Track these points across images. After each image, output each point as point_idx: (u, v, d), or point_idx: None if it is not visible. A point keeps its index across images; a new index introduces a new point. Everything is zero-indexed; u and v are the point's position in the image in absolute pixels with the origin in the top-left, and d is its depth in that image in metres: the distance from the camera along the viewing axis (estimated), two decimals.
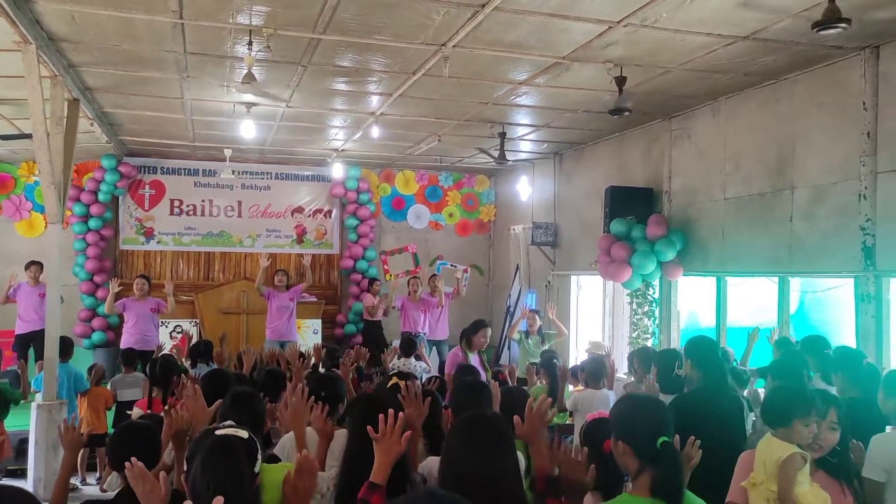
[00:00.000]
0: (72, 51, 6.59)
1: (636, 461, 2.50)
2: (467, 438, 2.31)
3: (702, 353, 4.45)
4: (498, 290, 13.63)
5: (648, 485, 2.45)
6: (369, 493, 2.48)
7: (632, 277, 8.27)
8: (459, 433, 2.36)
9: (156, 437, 3.16)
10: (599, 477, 3.01)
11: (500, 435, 2.34)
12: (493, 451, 2.25)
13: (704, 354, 4.43)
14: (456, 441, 2.32)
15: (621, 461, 2.57)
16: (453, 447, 2.31)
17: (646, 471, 2.47)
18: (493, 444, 2.28)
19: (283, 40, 6.06)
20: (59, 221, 7.24)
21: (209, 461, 2.14)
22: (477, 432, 2.33)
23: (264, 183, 12.96)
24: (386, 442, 2.58)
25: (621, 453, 2.55)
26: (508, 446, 2.33)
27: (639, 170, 9.25)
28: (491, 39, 5.98)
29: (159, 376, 5.41)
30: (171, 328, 11.04)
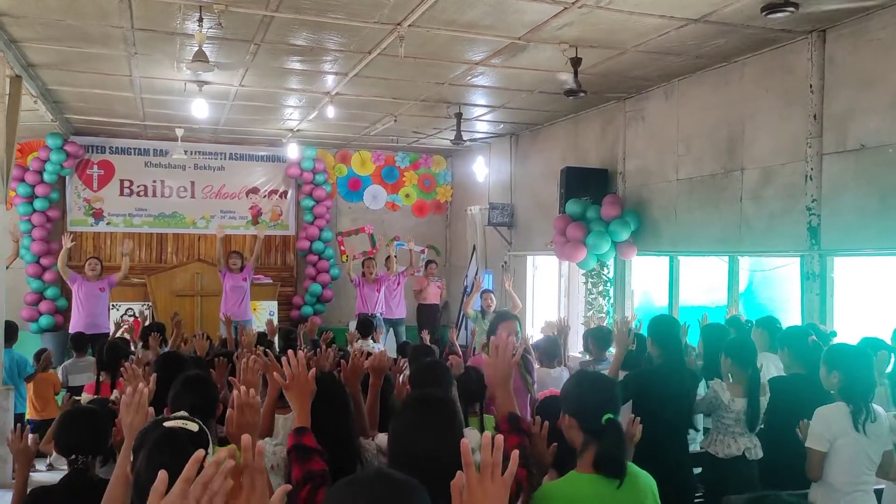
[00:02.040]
0: (13, 25, 6.37)
1: (582, 435, 2.56)
2: (415, 417, 2.33)
3: (663, 331, 4.58)
4: (455, 271, 13.67)
5: (591, 460, 2.50)
6: (298, 437, 2.54)
7: (587, 257, 8.37)
8: (406, 412, 2.38)
9: (102, 422, 3.11)
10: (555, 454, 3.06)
11: (448, 413, 2.37)
12: (441, 430, 2.27)
13: (665, 333, 4.56)
14: (403, 420, 2.34)
15: (568, 435, 2.64)
16: (400, 426, 2.33)
17: (590, 446, 2.53)
18: (440, 422, 2.30)
19: (235, 17, 5.94)
20: (3, 202, 7.04)
21: (155, 455, 2.12)
22: (424, 411, 2.35)
23: (218, 163, 12.74)
24: (295, 385, 2.69)
25: (568, 427, 2.62)
26: (457, 425, 2.36)
27: (594, 151, 9.33)
28: (447, 19, 5.95)
29: (107, 360, 5.31)
30: (123, 311, 10.84)
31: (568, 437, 2.64)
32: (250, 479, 1.47)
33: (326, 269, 12.89)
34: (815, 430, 3.72)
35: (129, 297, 11.03)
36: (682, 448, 4.44)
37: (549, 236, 9.17)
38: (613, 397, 2.65)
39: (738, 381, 4.37)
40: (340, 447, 2.86)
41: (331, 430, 2.77)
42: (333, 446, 2.77)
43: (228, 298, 10.00)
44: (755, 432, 4.34)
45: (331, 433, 2.74)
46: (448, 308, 13.67)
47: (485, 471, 1.57)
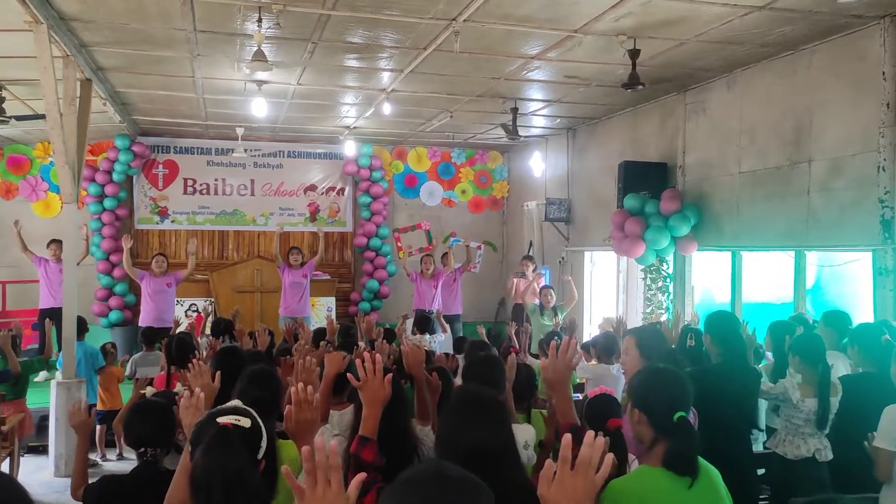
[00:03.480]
0: (83, 30, 6.58)
1: (651, 431, 2.52)
2: (462, 412, 2.33)
3: (722, 328, 4.43)
4: (512, 267, 13.59)
5: (662, 456, 2.46)
6: (360, 448, 2.46)
7: (645, 253, 8.23)
8: (454, 407, 2.39)
9: (169, 416, 3.19)
10: None
11: (494, 408, 2.36)
12: (488, 424, 2.27)
13: (724, 330, 4.42)
14: (449, 417, 2.35)
15: (636, 430, 2.59)
16: (447, 422, 2.33)
17: (660, 442, 2.49)
18: (487, 416, 2.30)
19: (293, 16, 6.02)
20: (74, 201, 7.29)
21: (209, 451, 2.17)
22: (471, 406, 2.35)
23: (277, 161, 12.96)
24: (369, 388, 2.54)
25: (637, 422, 2.57)
26: (501, 420, 2.35)
27: (652, 144, 9.17)
28: (502, 13, 5.91)
29: (176, 355, 5.46)
30: (187, 307, 11.12)
31: (636, 431, 2.60)
32: (324, 476, 1.48)
33: (383, 265, 12.99)
34: (885, 428, 3.58)
35: (192, 293, 11.30)
36: (744, 448, 4.31)
37: (607, 231, 9.05)
38: (685, 394, 2.59)
39: (807, 381, 4.23)
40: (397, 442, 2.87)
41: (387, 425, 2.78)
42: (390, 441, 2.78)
43: (288, 294, 10.15)
44: (825, 433, 4.19)
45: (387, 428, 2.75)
46: (505, 304, 13.62)
47: (580, 467, 1.55)
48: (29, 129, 10.36)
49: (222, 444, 2.21)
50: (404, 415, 3.02)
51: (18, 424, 6.81)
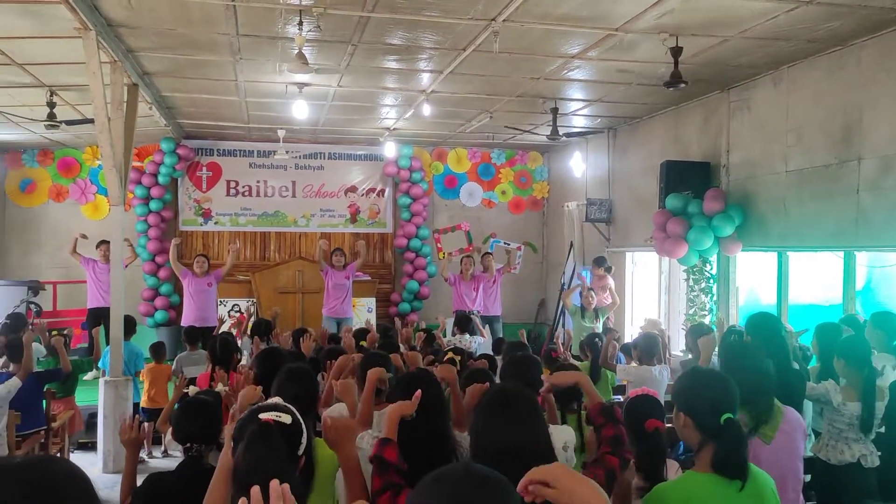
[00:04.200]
0: (129, 36, 6.73)
1: (698, 435, 2.47)
2: (495, 411, 2.32)
3: (763, 329, 4.34)
4: (552, 268, 13.54)
5: (710, 460, 2.42)
6: (381, 449, 2.52)
7: (688, 253, 8.11)
8: (486, 406, 2.38)
9: (215, 413, 3.25)
10: (641, 456, 2.97)
11: (526, 407, 2.34)
12: (521, 422, 2.26)
13: (765, 331, 4.33)
14: (482, 415, 2.34)
15: (682, 433, 2.55)
16: (481, 421, 2.33)
17: (707, 445, 2.44)
18: (518, 416, 2.29)
19: (333, 19, 6.07)
20: (122, 204, 7.45)
21: (251, 446, 2.21)
22: (503, 404, 2.34)
23: (318, 163, 13.09)
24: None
25: (682, 426, 2.53)
26: (535, 418, 2.33)
27: (695, 143, 9.03)
28: (542, 13, 5.88)
29: (220, 354, 5.56)
30: (230, 307, 11.29)
31: (682, 435, 2.56)
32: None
33: (423, 266, 13.02)
34: None
35: (234, 293, 11.47)
36: None
37: (649, 232, 8.94)
38: (731, 396, 2.53)
39: (851, 384, 4.12)
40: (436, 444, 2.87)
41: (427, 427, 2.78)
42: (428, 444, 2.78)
43: (331, 296, 10.20)
44: (872, 438, 4.07)
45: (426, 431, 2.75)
46: (545, 306, 13.56)
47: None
48: (78, 133, 10.63)
49: (264, 440, 2.24)
50: (443, 417, 3.02)
51: (68, 421, 7.01)
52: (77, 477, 1.20)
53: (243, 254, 12.72)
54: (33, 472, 1.16)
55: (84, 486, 1.21)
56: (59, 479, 1.17)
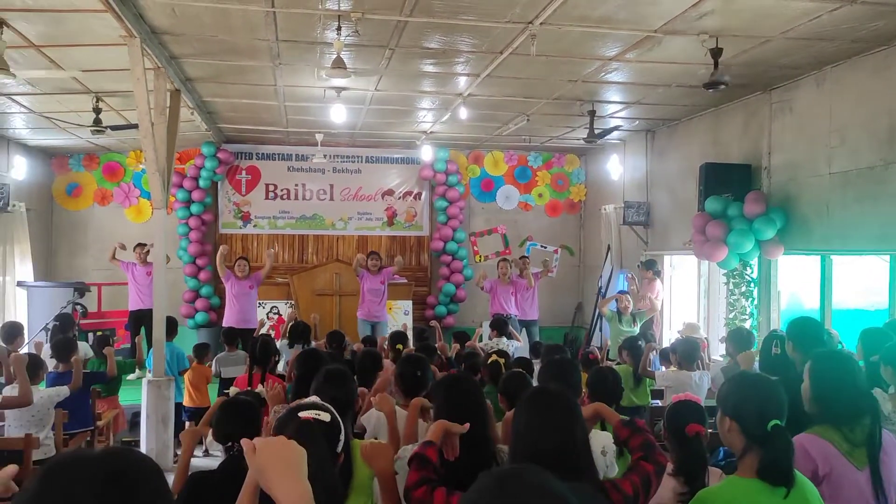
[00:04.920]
0: (173, 43, 6.87)
1: (743, 440, 2.44)
2: (533, 412, 2.32)
3: (805, 334, 4.27)
4: (589, 271, 13.45)
5: (755, 466, 2.39)
6: (423, 448, 2.60)
7: (728, 257, 8.00)
8: (526, 408, 2.38)
9: (255, 413, 3.31)
10: (681, 461, 2.95)
11: (565, 408, 2.34)
12: (558, 424, 2.26)
13: (808, 336, 4.25)
14: (522, 416, 2.34)
15: (726, 438, 2.52)
16: (519, 422, 2.33)
17: (753, 451, 2.40)
18: (557, 417, 2.28)
19: (371, 24, 6.12)
20: (164, 207, 7.60)
21: None
22: (543, 406, 2.34)
23: (355, 166, 13.19)
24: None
25: (727, 430, 2.50)
26: (574, 419, 2.33)
27: (735, 145, 8.91)
28: (579, 15, 5.86)
29: (259, 356, 5.64)
30: (269, 309, 11.43)
31: (726, 440, 2.53)
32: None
33: (460, 269, 13.03)
34: None
35: (273, 295, 11.60)
36: None
37: (688, 235, 8.84)
38: (779, 401, 2.49)
39: None
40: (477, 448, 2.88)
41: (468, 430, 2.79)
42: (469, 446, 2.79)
43: (366, 299, 10.25)
44: None
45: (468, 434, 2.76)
46: (582, 309, 13.48)
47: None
48: (123, 138, 10.86)
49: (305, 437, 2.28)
50: (484, 420, 3.03)
51: (113, 420, 7.16)
52: (152, 467, 1.26)
53: (281, 256, 12.87)
54: (113, 463, 1.21)
55: (158, 476, 1.27)
56: (136, 469, 1.23)
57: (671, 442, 3.05)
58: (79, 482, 1.17)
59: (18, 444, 4.95)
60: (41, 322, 8.96)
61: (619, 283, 11.56)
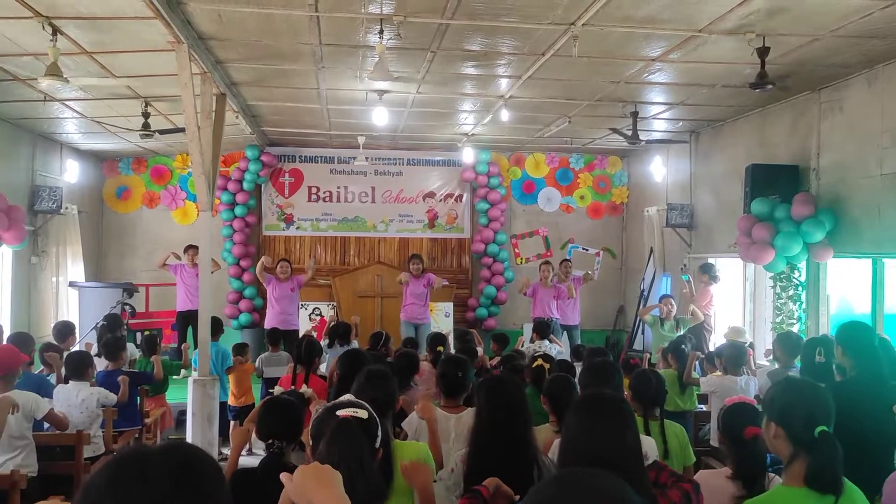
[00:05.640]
0: (219, 48, 6.99)
1: (789, 446, 2.38)
2: (584, 417, 2.30)
3: (855, 339, 4.14)
4: (631, 274, 13.31)
5: (803, 474, 2.33)
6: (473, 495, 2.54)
7: (775, 260, 7.84)
8: (577, 412, 2.36)
9: (298, 412, 3.35)
10: (740, 465, 2.90)
11: (618, 413, 2.31)
12: (611, 430, 2.23)
13: (858, 341, 4.13)
14: (574, 420, 2.32)
15: (772, 444, 2.47)
16: (571, 426, 2.31)
17: (800, 458, 2.35)
18: (609, 422, 2.26)
19: (413, 27, 6.15)
20: (209, 209, 7.72)
21: (333, 442, 2.28)
22: (594, 410, 2.31)
23: (396, 169, 13.26)
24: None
25: (773, 436, 2.44)
26: (626, 425, 2.30)
27: (783, 146, 8.73)
28: (622, 15, 5.81)
29: (304, 356, 5.71)
30: (311, 310, 11.55)
31: (772, 446, 2.48)
32: None
33: (501, 271, 13.00)
34: None
35: (315, 297, 11.73)
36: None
37: (733, 237, 8.69)
38: (827, 407, 2.43)
39: None
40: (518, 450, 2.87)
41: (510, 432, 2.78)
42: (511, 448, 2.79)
43: (409, 302, 10.28)
44: None
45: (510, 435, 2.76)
46: (624, 312, 13.35)
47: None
48: (170, 141, 11.09)
49: (344, 434, 2.32)
50: (526, 423, 3.03)
51: (160, 418, 7.32)
52: (213, 461, 1.29)
53: (323, 258, 13.00)
54: (181, 455, 1.25)
55: (218, 470, 1.30)
56: (201, 462, 1.26)
57: (728, 446, 3.00)
58: (153, 471, 1.20)
59: (70, 440, 5.09)
60: (92, 321, 9.19)
61: (662, 286, 11.42)
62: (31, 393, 4.86)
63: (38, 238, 10.37)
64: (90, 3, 5.54)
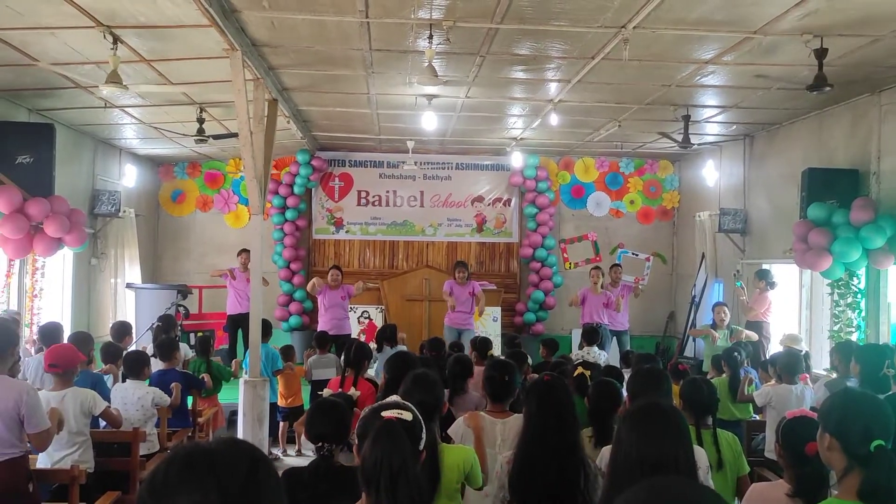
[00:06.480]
0: (271, 55, 7.12)
1: (844, 459, 2.31)
2: (639, 426, 2.28)
3: None
4: (682, 280, 13.10)
5: (856, 488, 2.26)
6: None
7: (832, 266, 7.62)
8: (631, 421, 2.33)
9: (346, 415, 3.38)
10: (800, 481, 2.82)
11: (673, 424, 2.28)
12: (665, 441, 2.20)
13: None
14: (627, 429, 2.29)
15: (825, 456, 2.40)
16: (624, 434, 2.28)
17: (854, 472, 2.28)
18: (664, 432, 2.23)
19: (462, 32, 6.17)
20: (261, 213, 7.85)
21: (376, 443, 2.31)
22: (648, 420, 2.29)
23: (445, 173, 13.29)
24: None
25: (827, 448, 2.37)
26: (681, 436, 2.27)
27: (841, 150, 8.49)
28: (674, 18, 5.73)
29: (353, 359, 5.75)
30: (359, 314, 11.64)
31: (826, 458, 2.41)
32: None
33: (549, 276, 12.92)
34: None
35: (364, 300, 11.80)
36: None
37: (788, 243, 8.48)
38: (885, 421, 2.34)
39: None
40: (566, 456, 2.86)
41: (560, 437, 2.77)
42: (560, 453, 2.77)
43: (455, 309, 10.24)
44: None
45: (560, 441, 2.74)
46: (674, 318, 13.13)
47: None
48: (223, 146, 11.31)
49: (388, 435, 2.34)
50: (575, 429, 3.01)
51: (212, 417, 7.46)
52: (264, 457, 1.32)
53: (372, 262, 13.13)
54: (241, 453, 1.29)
55: (270, 465, 1.33)
56: (260, 458, 1.30)
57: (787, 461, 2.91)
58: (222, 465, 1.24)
59: (127, 437, 5.22)
60: (147, 322, 9.42)
61: (714, 292, 11.20)
62: (90, 390, 5.01)
63: (98, 240, 10.69)
64: (149, 12, 5.70)
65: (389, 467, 2.26)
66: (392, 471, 2.25)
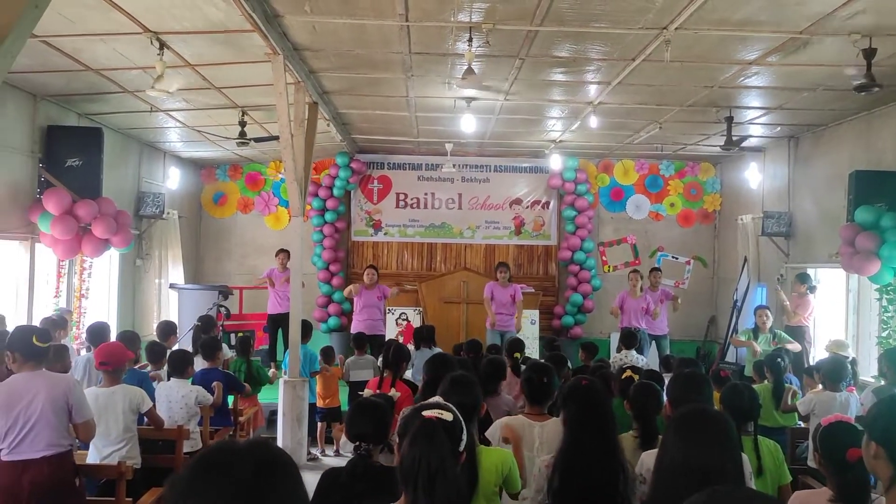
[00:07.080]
0: (312, 58, 7.20)
1: (890, 468, 2.25)
2: (687, 432, 2.25)
3: None
4: (724, 283, 12.89)
5: None
6: None
7: (881, 271, 7.44)
8: (679, 427, 2.30)
9: (385, 415, 3.40)
10: (842, 488, 2.76)
11: (722, 431, 2.25)
12: (713, 447, 2.18)
13: None
14: (674, 435, 2.27)
15: (871, 465, 2.34)
16: (671, 440, 2.26)
17: None
18: (712, 440, 2.21)
19: (502, 34, 6.17)
20: (301, 215, 7.96)
21: (415, 442, 2.32)
22: (696, 427, 2.26)
23: (483, 175, 13.29)
24: None
25: (873, 456, 2.31)
26: (730, 443, 2.24)
27: (890, 151, 8.28)
28: (717, 18, 5.66)
29: (392, 361, 5.79)
30: (397, 315, 11.69)
31: (871, 467, 2.35)
32: None
33: (588, 279, 12.83)
34: None
35: (402, 302, 11.86)
36: None
37: (834, 247, 8.30)
38: None
39: None
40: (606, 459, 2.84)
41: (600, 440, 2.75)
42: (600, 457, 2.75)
43: (495, 311, 10.22)
44: None
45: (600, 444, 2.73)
46: (715, 323, 12.94)
47: None
48: (264, 149, 11.46)
49: (428, 435, 2.35)
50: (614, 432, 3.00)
51: (252, 417, 7.57)
52: (291, 460, 1.36)
53: (410, 264, 13.18)
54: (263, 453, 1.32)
55: (296, 468, 1.37)
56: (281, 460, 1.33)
57: (827, 469, 2.86)
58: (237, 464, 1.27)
59: (172, 434, 5.34)
60: (190, 322, 9.57)
61: (757, 296, 11.01)
62: (138, 388, 5.13)
63: (143, 241, 10.91)
64: (194, 18, 5.82)
65: (427, 466, 2.27)
66: (430, 470, 2.26)
